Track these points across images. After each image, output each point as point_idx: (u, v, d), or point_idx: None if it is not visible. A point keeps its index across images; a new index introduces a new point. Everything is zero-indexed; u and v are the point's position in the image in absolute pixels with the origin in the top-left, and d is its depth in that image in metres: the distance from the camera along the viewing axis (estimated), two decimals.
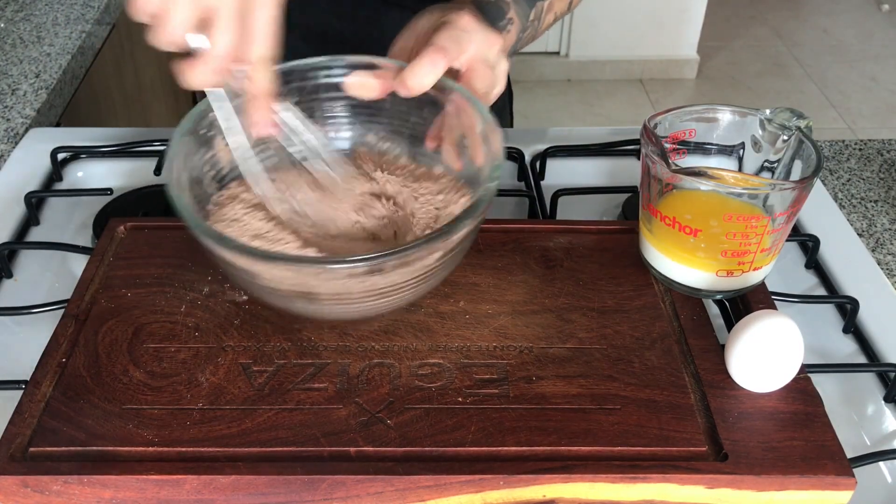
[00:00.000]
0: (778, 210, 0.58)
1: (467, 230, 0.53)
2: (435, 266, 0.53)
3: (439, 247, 0.51)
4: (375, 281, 0.51)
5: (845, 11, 3.52)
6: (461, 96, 0.60)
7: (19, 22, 1.18)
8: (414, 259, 0.51)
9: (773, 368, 0.54)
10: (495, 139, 0.57)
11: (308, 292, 0.52)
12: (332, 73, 0.63)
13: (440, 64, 0.58)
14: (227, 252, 0.51)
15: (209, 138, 0.59)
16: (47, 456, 0.50)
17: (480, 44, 0.61)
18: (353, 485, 0.49)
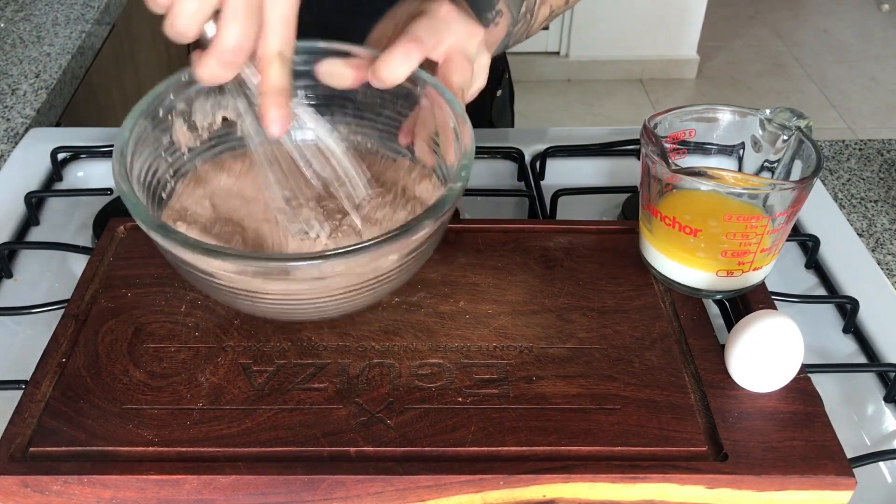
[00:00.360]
0: (778, 210, 0.58)
1: (428, 231, 0.50)
2: (396, 267, 0.51)
3: (397, 248, 0.49)
4: (328, 283, 0.50)
5: (845, 11, 3.53)
6: (435, 90, 0.57)
7: (19, 22, 1.18)
8: (368, 260, 0.49)
9: (773, 368, 0.54)
10: (466, 135, 0.54)
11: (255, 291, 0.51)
12: (303, 59, 0.60)
13: (414, 55, 0.56)
14: (172, 246, 0.49)
15: (167, 123, 0.57)
16: (47, 456, 0.50)
17: (459, 34, 0.58)
18: (353, 485, 0.49)
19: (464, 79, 0.59)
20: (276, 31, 0.49)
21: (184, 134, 0.59)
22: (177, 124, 0.58)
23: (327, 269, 0.49)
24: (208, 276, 0.51)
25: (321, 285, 0.50)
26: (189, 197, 0.60)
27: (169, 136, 0.58)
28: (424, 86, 0.58)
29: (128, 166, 0.53)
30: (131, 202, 0.51)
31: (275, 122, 0.51)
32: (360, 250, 0.48)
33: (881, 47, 3.26)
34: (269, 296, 0.52)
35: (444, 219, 0.52)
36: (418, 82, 0.58)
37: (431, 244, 0.54)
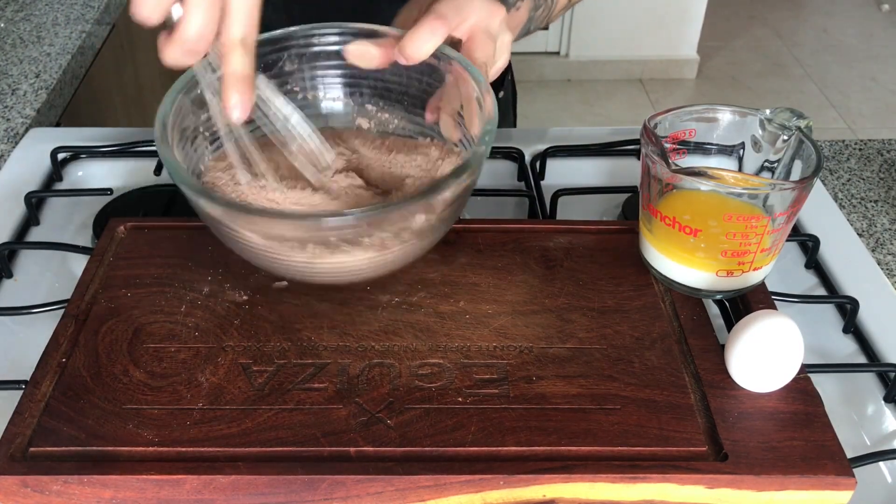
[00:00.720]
0: (778, 210, 0.58)
1: (453, 191, 0.51)
2: (422, 229, 0.53)
3: (423, 207, 0.51)
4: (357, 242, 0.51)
5: (845, 11, 3.53)
6: (459, 65, 0.58)
7: (19, 22, 1.18)
8: (398, 218, 0.50)
9: (773, 368, 0.54)
10: (489, 103, 0.56)
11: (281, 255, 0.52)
12: (331, 41, 0.61)
13: (439, 31, 0.57)
14: (214, 207, 0.50)
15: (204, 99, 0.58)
16: (47, 456, 0.50)
17: (482, 13, 0.60)
18: (353, 485, 0.49)
19: (487, 55, 0.60)
20: (238, 19, 0.50)
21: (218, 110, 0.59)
22: (213, 101, 0.59)
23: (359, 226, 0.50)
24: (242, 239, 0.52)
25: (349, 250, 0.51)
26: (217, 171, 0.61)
27: (206, 111, 0.59)
28: (449, 62, 0.59)
29: (169, 138, 0.54)
30: (172, 166, 0.52)
31: (236, 108, 0.52)
32: (388, 207, 0.49)
33: (881, 47, 3.26)
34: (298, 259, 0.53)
35: (468, 182, 0.53)
36: (443, 58, 0.59)
37: (457, 208, 0.55)
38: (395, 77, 0.63)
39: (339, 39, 0.61)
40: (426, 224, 0.53)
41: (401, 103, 0.64)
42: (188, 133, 0.58)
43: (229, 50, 0.51)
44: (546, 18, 0.75)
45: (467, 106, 0.59)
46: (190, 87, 0.58)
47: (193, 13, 0.48)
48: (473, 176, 0.53)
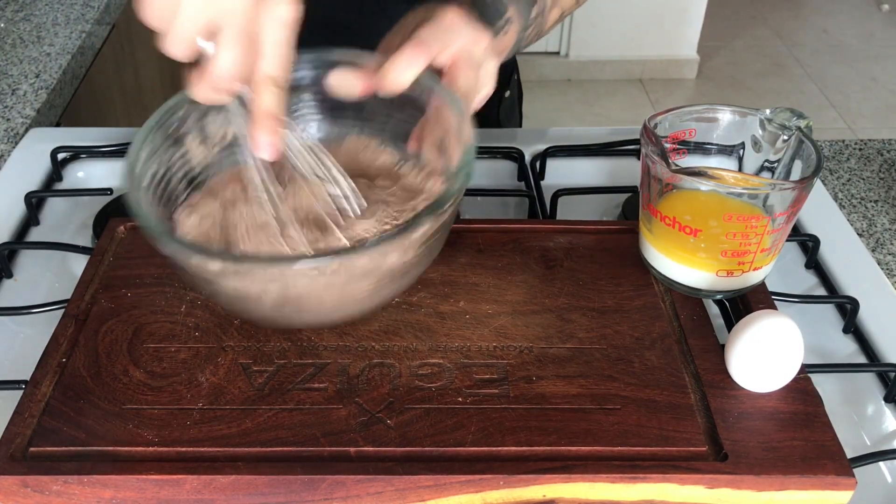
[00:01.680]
0: (778, 210, 0.58)
1: (427, 227, 0.50)
2: (400, 265, 0.51)
3: (398, 246, 0.49)
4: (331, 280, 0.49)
5: (845, 11, 3.52)
6: (439, 95, 0.57)
7: (19, 22, 1.18)
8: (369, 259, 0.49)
9: (773, 368, 0.54)
10: (466, 133, 0.54)
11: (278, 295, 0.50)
12: (311, 70, 0.60)
13: (419, 60, 0.56)
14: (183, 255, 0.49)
15: (179, 136, 0.57)
16: (47, 456, 0.50)
17: (466, 39, 0.59)
18: (353, 485, 0.49)
19: (469, 84, 0.59)
20: (270, 57, 0.49)
21: (196, 147, 0.59)
22: (189, 137, 0.58)
23: (325, 269, 0.48)
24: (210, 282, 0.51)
25: (323, 286, 0.50)
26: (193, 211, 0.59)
27: (182, 148, 0.58)
28: (430, 91, 0.58)
29: (136, 178, 0.53)
30: (137, 209, 0.51)
31: (264, 147, 0.52)
32: (357, 250, 0.48)
33: (881, 47, 3.26)
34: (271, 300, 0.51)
35: (444, 218, 0.52)
36: (424, 88, 0.58)
37: (437, 241, 0.53)
38: (377, 107, 0.61)
39: (318, 71, 0.60)
40: (399, 263, 0.51)
41: (383, 132, 0.63)
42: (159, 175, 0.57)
43: (261, 88, 0.50)
44: (536, 36, 0.75)
45: (448, 136, 0.57)
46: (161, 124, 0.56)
47: (225, 52, 0.48)
48: (449, 212, 0.52)
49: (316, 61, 0.60)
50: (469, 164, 0.53)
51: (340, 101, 0.60)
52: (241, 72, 0.49)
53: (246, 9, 0.47)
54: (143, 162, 0.54)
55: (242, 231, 0.56)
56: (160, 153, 0.56)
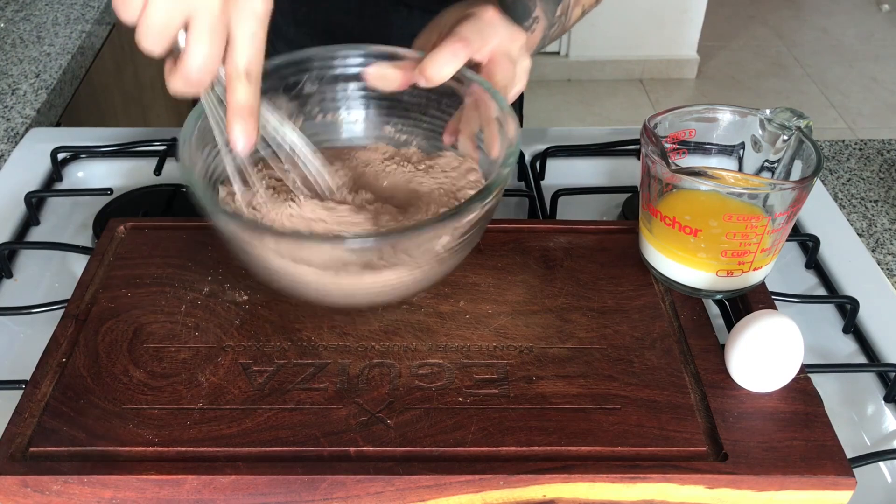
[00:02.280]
0: (778, 210, 0.58)
1: (477, 214, 0.51)
2: (446, 251, 0.52)
3: (449, 228, 0.50)
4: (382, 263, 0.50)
5: (845, 11, 3.52)
6: (480, 87, 0.58)
7: (19, 22, 1.18)
8: (423, 239, 0.50)
9: (773, 368, 0.54)
10: (511, 127, 0.56)
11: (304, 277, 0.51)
12: (350, 63, 0.61)
13: (461, 54, 0.57)
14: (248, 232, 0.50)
15: None
16: (47, 456, 0.50)
17: (504, 37, 0.60)
18: (353, 485, 0.49)
19: (507, 78, 0.60)
20: (243, 49, 0.49)
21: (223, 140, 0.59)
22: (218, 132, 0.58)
23: (383, 247, 0.50)
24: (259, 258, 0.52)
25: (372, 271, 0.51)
26: None
27: None
28: (469, 83, 0.59)
29: (190, 159, 0.54)
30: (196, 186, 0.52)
31: (239, 139, 0.52)
32: (413, 229, 0.49)
33: (881, 47, 3.26)
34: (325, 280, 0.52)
35: (491, 203, 0.53)
36: (464, 80, 0.59)
37: (479, 229, 0.55)
38: (414, 99, 0.63)
39: (359, 62, 0.61)
40: (448, 246, 0.52)
41: (420, 125, 0.64)
42: (209, 150, 0.57)
43: (234, 80, 0.50)
44: (561, 32, 0.77)
45: (487, 127, 0.59)
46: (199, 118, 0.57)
47: (197, 44, 0.48)
48: (497, 198, 0.53)
49: (356, 53, 0.61)
50: (515, 154, 0.54)
51: (378, 93, 0.62)
52: (214, 65, 0.49)
53: (219, 2, 0.47)
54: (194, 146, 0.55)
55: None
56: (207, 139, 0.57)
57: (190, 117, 0.56)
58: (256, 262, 0.53)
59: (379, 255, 0.51)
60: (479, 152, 0.61)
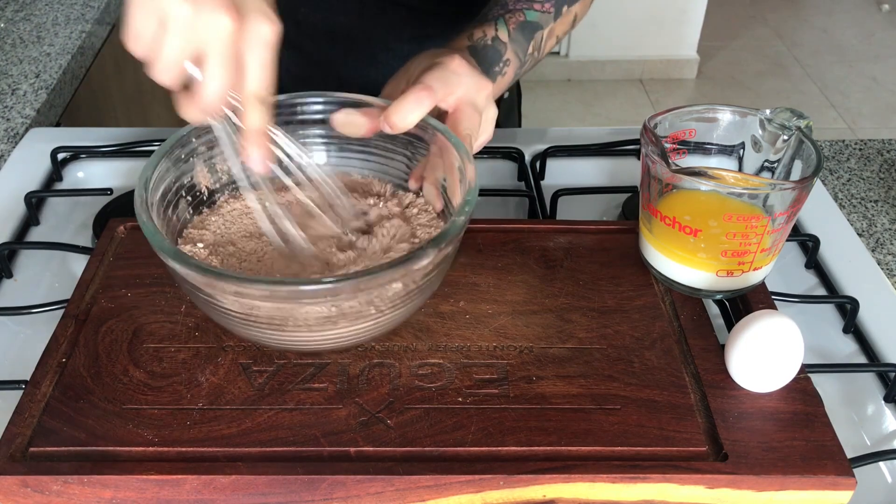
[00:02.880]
0: (778, 210, 0.58)
1: (431, 260, 0.51)
2: (399, 299, 0.52)
3: (399, 275, 0.50)
4: (328, 309, 0.50)
5: (845, 11, 3.53)
6: (443, 136, 0.59)
7: (19, 22, 1.18)
8: (371, 286, 0.49)
9: (773, 368, 0.54)
10: (470, 173, 0.56)
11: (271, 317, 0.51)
12: (316, 108, 0.63)
13: (425, 102, 0.58)
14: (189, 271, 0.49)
15: (188, 163, 0.60)
16: (47, 456, 0.50)
17: (469, 87, 0.61)
18: (353, 485, 0.49)
19: (471, 128, 0.61)
20: (254, 76, 0.51)
21: (204, 175, 0.61)
22: (197, 166, 0.60)
23: (330, 294, 0.49)
24: (214, 300, 0.51)
25: (324, 315, 0.50)
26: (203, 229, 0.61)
27: (189, 176, 0.60)
28: (434, 133, 0.60)
29: (148, 200, 0.54)
30: (149, 230, 0.52)
31: (256, 160, 0.54)
32: (362, 275, 0.48)
33: (881, 47, 3.26)
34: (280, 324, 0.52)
35: (447, 251, 0.53)
36: (427, 128, 0.60)
37: (436, 277, 0.54)
38: (379, 145, 0.63)
39: (324, 108, 0.62)
40: (402, 292, 0.52)
41: (385, 171, 0.65)
42: (169, 196, 0.58)
43: (248, 105, 0.52)
44: (533, 66, 0.77)
45: (449, 175, 0.59)
46: (174, 148, 0.58)
47: (212, 75, 0.49)
48: (452, 245, 0.53)
49: (323, 100, 0.62)
50: (472, 203, 0.54)
51: (345, 139, 0.63)
52: (226, 92, 0.51)
53: (229, 33, 0.48)
54: (153, 186, 0.56)
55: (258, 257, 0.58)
56: (169, 178, 0.58)
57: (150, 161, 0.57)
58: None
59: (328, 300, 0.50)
60: (441, 200, 0.61)
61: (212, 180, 0.62)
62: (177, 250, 0.51)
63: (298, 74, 0.96)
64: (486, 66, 0.68)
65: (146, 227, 0.52)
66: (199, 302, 0.53)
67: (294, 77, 0.96)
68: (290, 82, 0.98)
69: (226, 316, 0.52)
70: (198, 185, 0.61)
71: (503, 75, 0.71)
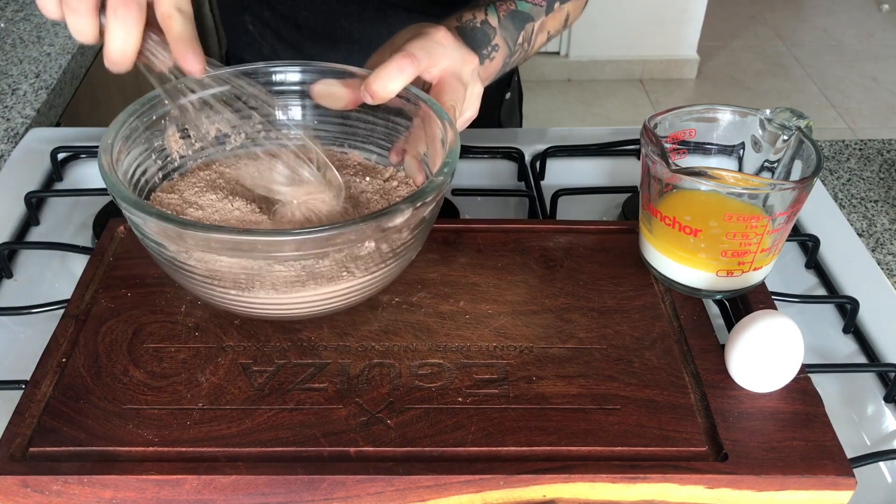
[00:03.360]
0: (778, 210, 0.58)
1: (405, 217, 0.49)
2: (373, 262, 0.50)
3: (371, 230, 0.48)
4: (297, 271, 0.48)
5: (845, 11, 3.53)
6: (427, 106, 0.57)
7: (19, 22, 1.18)
8: (347, 241, 0.47)
9: (773, 368, 0.54)
10: (451, 137, 0.54)
11: (235, 276, 0.49)
12: (296, 79, 0.61)
13: (407, 70, 0.56)
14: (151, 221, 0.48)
15: (159, 126, 0.58)
16: (47, 456, 0.50)
17: (454, 59, 0.60)
18: (353, 485, 0.49)
19: (456, 100, 0.59)
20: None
21: (175, 141, 0.60)
22: (169, 130, 0.59)
23: (297, 247, 0.47)
24: (176, 259, 0.50)
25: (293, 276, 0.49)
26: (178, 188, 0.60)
27: (160, 139, 0.59)
28: (417, 103, 0.58)
29: (113, 160, 0.54)
30: (110, 182, 0.51)
31: (191, 63, 0.53)
32: (331, 229, 0.46)
33: (881, 47, 3.26)
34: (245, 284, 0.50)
35: (423, 212, 0.51)
36: (410, 99, 0.58)
37: (413, 243, 0.52)
38: (360, 118, 0.62)
39: (305, 77, 0.60)
40: (375, 253, 0.50)
41: (365, 145, 0.63)
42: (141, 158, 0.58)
43: (167, 19, 0.51)
44: (523, 59, 0.76)
45: (431, 146, 0.58)
46: (145, 110, 0.58)
47: (114, 22, 0.49)
48: (430, 206, 0.51)
49: (303, 69, 0.60)
50: (452, 164, 0.52)
51: (325, 111, 0.61)
52: (137, 35, 0.50)
53: None
54: (120, 144, 0.55)
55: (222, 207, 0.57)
56: (139, 142, 0.57)
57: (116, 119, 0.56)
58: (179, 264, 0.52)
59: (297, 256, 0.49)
60: (423, 173, 0.60)
61: (183, 146, 0.60)
62: (138, 200, 0.49)
63: None
64: (473, 46, 0.66)
65: (107, 178, 0.51)
66: (162, 263, 0.52)
67: None
68: None
69: (190, 277, 0.50)
70: (168, 150, 0.59)
71: (491, 59, 0.70)
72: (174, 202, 0.58)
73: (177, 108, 0.58)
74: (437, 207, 0.53)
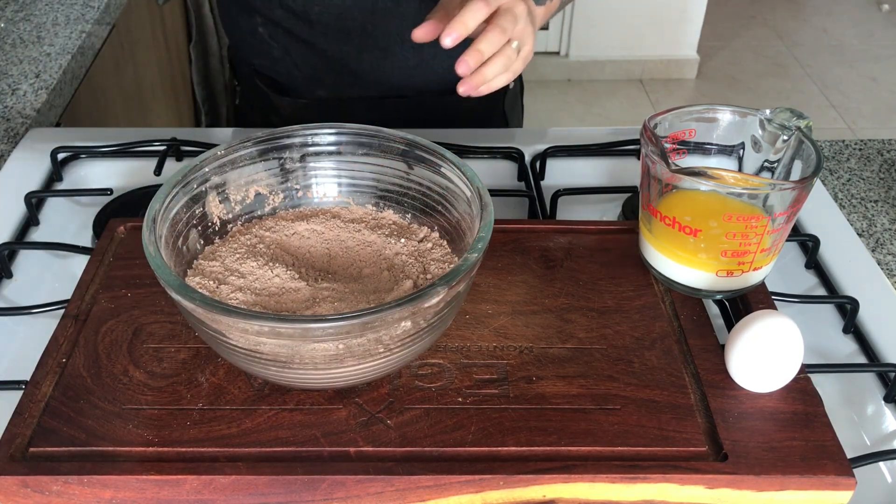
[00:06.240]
0: (778, 210, 0.58)
1: (439, 298, 0.49)
2: (408, 336, 0.50)
3: (408, 313, 0.48)
4: (335, 347, 0.49)
5: (845, 11, 3.53)
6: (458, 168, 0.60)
7: (19, 22, 1.18)
8: (379, 324, 0.48)
9: (773, 368, 0.54)
10: (487, 211, 0.55)
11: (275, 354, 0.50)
12: (329, 140, 0.62)
13: (483, 10, 0.63)
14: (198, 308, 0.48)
15: (199, 194, 0.59)
16: (47, 456, 0.50)
17: None
18: (353, 485, 0.49)
19: (508, 25, 0.65)
20: None
21: (216, 206, 0.60)
22: (209, 196, 0.60)
23: (335, 332, 0.48)
24: (219, 334, 0.50)
25: (331, 353, 0.49)
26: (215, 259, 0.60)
27: (202, 206, 0.60)
28: (449, 166, 0.60)
29: (156, 232, 0.54)
30: (156, 263, 0.51)
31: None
32: (369, 313, 0.47)
33: (881, 47, 3.26)
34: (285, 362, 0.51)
35: (458, 288, 0.51)
36: (444, 163, 0.60)
37: (448, 314, 0.52)
38: (394, 180, 0.63)
39: (340, 138, 0.62)
40: (412, 330, 0.50)
41: (399, 205, 0.63)
42: (180, 227, 0.58)
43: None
44: None
45: None
46: (186, 178, 0.58)
47: None
48: (464, 282, 0.51)
49: (334, 130, 0.62)
50: (485, 239, 0.52)
51: (358, 172, 0.63)
52: None
53: None
54: (161, 217, 0.55)
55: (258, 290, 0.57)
56: (180, 210, 0.58)
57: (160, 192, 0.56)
58: None
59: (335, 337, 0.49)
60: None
61: (224, 210, 0.61)
62: (182, 283, 0.50)
63: (311, 73, 0.95)
64: None
65: (153, 260, 0.51)
66: (204, 336, 0.52)
67: (307, 76, 0.96)
68: (303, 81, 0.98)
69: (233, 352, 0.51)
70: (209, 215, 0.60)
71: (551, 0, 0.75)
72: (216, 270, 0.58)
73: (219, 174, 0.60)
74: (471, 281, 0.53)
